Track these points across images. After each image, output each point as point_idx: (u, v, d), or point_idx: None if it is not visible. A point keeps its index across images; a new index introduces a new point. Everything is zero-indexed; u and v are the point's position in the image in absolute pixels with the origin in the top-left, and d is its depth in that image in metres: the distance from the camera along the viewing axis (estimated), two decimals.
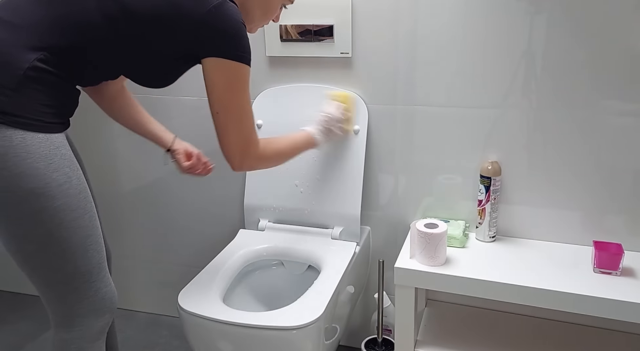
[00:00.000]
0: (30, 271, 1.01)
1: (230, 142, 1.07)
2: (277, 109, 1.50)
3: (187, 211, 1.75)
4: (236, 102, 1.05)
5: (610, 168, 1.30)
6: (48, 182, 0.94)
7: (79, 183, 1.00)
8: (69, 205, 0.97)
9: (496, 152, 1.37)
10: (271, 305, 1.47)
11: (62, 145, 0.98)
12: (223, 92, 1.04)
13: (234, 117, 1.06)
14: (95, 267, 1.04)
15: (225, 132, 1.06)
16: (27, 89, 0.93)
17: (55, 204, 0.95)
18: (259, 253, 1.47)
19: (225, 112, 1.05)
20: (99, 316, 1.07)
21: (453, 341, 1.38)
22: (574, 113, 1.29)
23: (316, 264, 1.39)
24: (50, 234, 0.96)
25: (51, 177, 0.94)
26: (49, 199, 0.94)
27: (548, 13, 1.25)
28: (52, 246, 0.97)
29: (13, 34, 0.93)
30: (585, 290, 1.15)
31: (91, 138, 1.75)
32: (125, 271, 1.90)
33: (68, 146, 1.01)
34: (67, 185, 0.96)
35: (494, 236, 1.40)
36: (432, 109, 1.40)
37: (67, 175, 0.97)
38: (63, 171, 0.96)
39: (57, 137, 0.97)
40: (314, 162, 1.48)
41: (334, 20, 1.40)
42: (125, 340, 1.81)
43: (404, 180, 1.48)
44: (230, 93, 1.04)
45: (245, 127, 1.07)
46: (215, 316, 1.15)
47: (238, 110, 1.06)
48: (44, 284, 1.02)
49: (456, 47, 1.33)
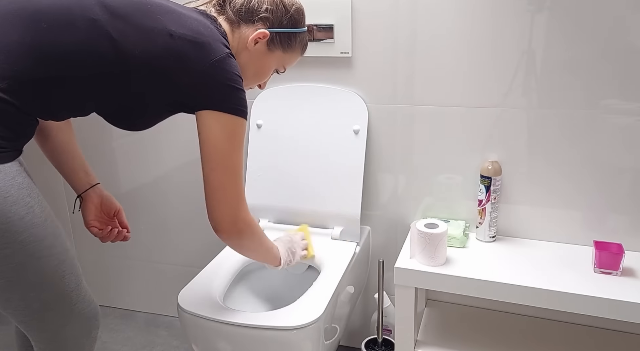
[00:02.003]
0: (4, 303, 0.94)
1: (226, 202, 1.00)
2: (277, 109, 1.50)
3: (186, 211, 1.75)
4: (235, 159, 0.99)
5: (611, 168, 1.30)
6: (9, 217, 0.86)
7: (42, 210, 0.92)
8: (36, 235, 0.90)
9: (496, 151, 1.37)
10: (271, 305, 1.46)
11: (17, 173, 0.90)
12: (221, 146, 0.98)
13: (232, 174, 0.99)
14: (74, 290, 0.99)
15: (221, 191, 0.99)
16: None
17: (20, 238, 0.88)
18: None
19: (223, 169, 0.99)
20: (87, 336, 1.04)
21: (453, 341, 1.38)
22: (575, 112, 1.29)
23: (316, 264, 1.39)
24: (21, 268, 0.90)
25: (11, 211, 0.86)
26: (13, 234, 0.87)
27: (548, 12, 1.25)
28: (24, 279, 0.91)
29: None
30: (586, 290, 1.15)
31: (91, 138, 1.75)
32: (125, 271, 1.90)
33: (24, 173, 0.92)
34: (30, 215, 0.89)
35: (494, 236, 1.40)
36: (432, 109, 1.40)
37: (27, 205, 0.89)
38: (23, 202, 0.88)
39: (10, 167, 0.88)
40: (314, 162, 1.48)
41: (334, 20, 1.40)
42: (124, 339, 1.80)
43: (404, 180, 1.48)
44: (228, 149, 0.98)
45: (241, 188, 1.02)
46: (215, 316, 1.14)
47: (235, 168, 1.00)
48: (20, 315, 0.96)
49: (456, 47, 1.33)
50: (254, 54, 1.08)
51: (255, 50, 1.08)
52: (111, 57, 0.91)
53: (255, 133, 1.53)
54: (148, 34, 0.93)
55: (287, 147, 1.50)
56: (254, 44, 1.07)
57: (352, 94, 1.44)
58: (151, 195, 1.77)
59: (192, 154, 1.67)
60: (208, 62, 0.94)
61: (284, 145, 1.51)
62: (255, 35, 1.06)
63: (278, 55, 1.12)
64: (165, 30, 0.94)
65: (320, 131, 1.47)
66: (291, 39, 1.11)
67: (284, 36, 1.09)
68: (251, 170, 1.54)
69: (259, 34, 1.06)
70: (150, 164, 1.74)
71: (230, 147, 0.98)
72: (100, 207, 1.19)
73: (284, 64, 1.15)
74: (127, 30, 0.92)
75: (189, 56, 0.94)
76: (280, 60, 1.13)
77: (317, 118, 1.47)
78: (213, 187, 0.99)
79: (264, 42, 1.08)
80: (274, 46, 1.09)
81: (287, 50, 1.12)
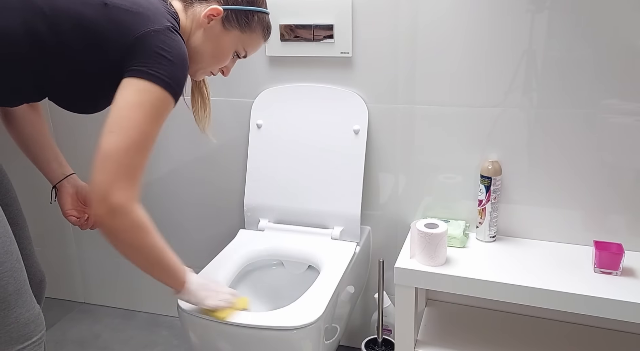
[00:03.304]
0: None
1: (107, 171, 0.88)
2: (277, 109, 1.50)
3: (186, 211, 1.75)
4: (143, 130, 0.89)
5: (611, 168, 1.30)
6: None
7: None
8: None
9: (497, 151, 1.37)
10: (271, 305, 1.47)
11: None
12: (131, 113, 0.89)
13: (131, 145, 0.88)
14: (13, 294, 0.94)
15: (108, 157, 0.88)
16: None
17: None
18: (259, 253, 1.47)
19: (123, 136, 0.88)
20: (24, 341, 0.98)
21: (453, 341, 1.38)
22: (575, 112, 1.29)
23: (316, 264, 1.39)
24: None
25: None
26: None
27: (549, 11, 1.24)
28: None
29: None
30: (586, 290, 1.15)
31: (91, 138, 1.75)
32: (125, 271, 1.91)
33: None
34: None
35: (494, 236, 1.40)
36: (432, 108, 1.40)
37: None
38: None
39: None
40: (314, 162, 1.48)
41: (334, 20, 1.40)
42: (125, 339, 1.81)
43: (404, 179, 1.48)
44: (138, 117, 0.89)
45: (136, 164, 0.90)
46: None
47: (138, 140, 0.89)
48: None
49: (457, 47, 1.33)
50: (209, 33, 1.04)
51: (210, 28, 1.04)
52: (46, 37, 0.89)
53: (255, 133, 1.53)
54: (82, 2, 0.91)
55: (287, 147, 1.51)
56: (207, 22, 1.03)
57: (352, 94, 1.44)
58: (152, 195, 1.77)
59: (192, 154, 1.67)
60: (140, 31, 0.90)
61: (284, 145, 1.51)
62: (207, 11, 1.01)
63: (235, 35, 1.06)
64: (99, 1, 0.92)
65: (320, 131, 1.47)
66: (249, 18, 1.06)
67: (240, 14, 1.05)
68: (251, 170, 1.54)
69: (212, 11, 1.02)
70: (150, 164, 1.74)
71: (140, 116, 0.89)
72: (76, 196, 1.17)
73: (244, 46, 1.09)
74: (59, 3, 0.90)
75: (122, 24, 0.91)
76: (239, 41, 1.08)
77: (317, 118, 1.47)
78: (102, 151, 0.88)
79: (219, 20, 1.04)
80: (229, 25, 1.05)
81: (245, 29, 1.06)
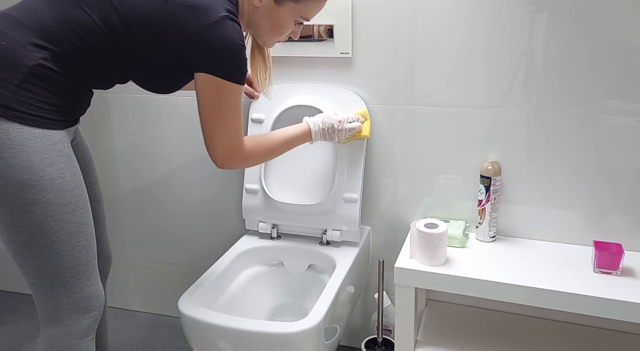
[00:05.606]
0: (22, 263, 1.02)
1: (216, 147, 1.09)
2: (277, 109, 1.50)
3: (187, 211, 1.75)
4: (224, 117, 1.07)
5: (611, 168, 1.30)
6: (42, 175, 0.97)
7: (73, 180, 1.02)
8: (61, 199, 0.99)
9: (496, 151, 1.37)
10: (272, 305, 1.47)
11: (61, 141, 1.01)
12: (211, 106, 1.06)
13: (220, 129, 1.08)
14: (83, 265, 1.05)
15: (210, 141, 1.09)
16: (30, 85, 0.96)
17: (46, 197, 0.97)
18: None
19: (211, 124, 1.07)
20: (85, 314, 1.08)
21: (453, 341, 1.38)
22: (575, 112, 1.29)
23: (316, 264, 1.39)
24: (40, 226, 0.98)
25: (45, 171, 0.97)
26: (41, 192, 0.97)
27: (548, 12, 1.25)
28: (41, 238, 0.99)
29: (22, 33, 0.97)
30: (585, 290, 1.15)
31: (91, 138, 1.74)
32: (125, 271, 1.90)
33: (67, 143, 1.03)
34: (60, 180, 0.99)
35: (494, 236, 1.40)
36: (432, 109, 1.40)
37: (61, 170, 0.99)
38: (57, 166, 0.99)
39: (55, 134, 1.00)
40: (314, 162, 1.48)
41: (334, 20, 1.40)
42: (125, 340, 1.81)
43: (404, 180, 1.48)
44: (218, 109, 1.06)
45: (230, 137, 1.09)
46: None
47: (224, 123, 1.08)
48: (32, 276, 1.03)
49: (456, 47, 1.33)
50: (264, 11, 1.11)
51: (264, 6, 1.10)
52: (119, 28, 1.00)
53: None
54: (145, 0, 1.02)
55: None
56: (259, 1, 1.10)
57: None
58: (151, 195, 1.77)
59: (193, 155, 1.67)
60: (201, 25, 0.99)
61: None
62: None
63: (290, 7, 1.12)
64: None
65: None
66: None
67: None
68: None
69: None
70: (151, 165, 1.74)
71: (219, 108, 1.06)
72: None
73: (301, 14, 1.14)
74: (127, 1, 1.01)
75: (181, 19, 1.00)
76: (296, 11, 1.13)
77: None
78: (205, 135, 1.09)
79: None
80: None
81: (298, 0, 1.11)
